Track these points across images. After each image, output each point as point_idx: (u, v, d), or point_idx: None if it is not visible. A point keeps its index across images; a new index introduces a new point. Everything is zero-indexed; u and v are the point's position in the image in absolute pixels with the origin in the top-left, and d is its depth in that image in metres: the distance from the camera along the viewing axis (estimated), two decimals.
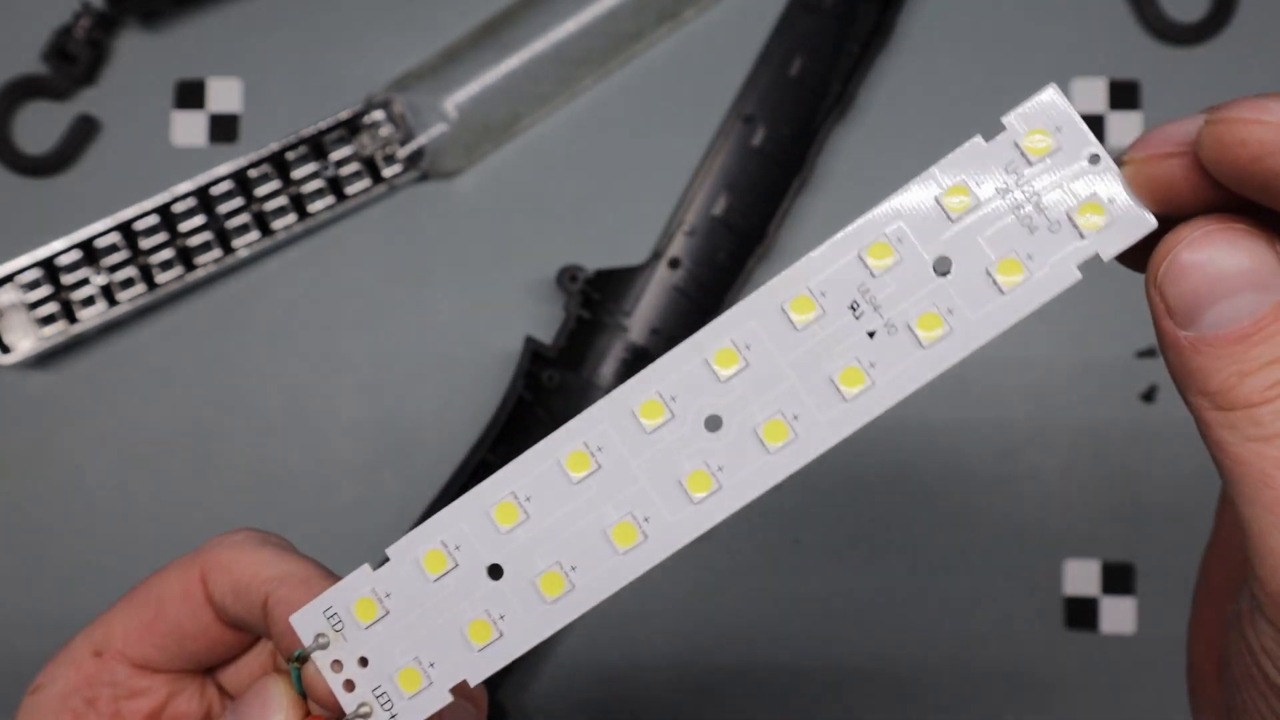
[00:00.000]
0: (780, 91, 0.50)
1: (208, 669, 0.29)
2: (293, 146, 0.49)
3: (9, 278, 0.49)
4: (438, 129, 0.50)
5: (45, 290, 0.49)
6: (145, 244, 0.49)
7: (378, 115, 0.50)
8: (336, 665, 0.25)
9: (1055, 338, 0.50)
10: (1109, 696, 0.49)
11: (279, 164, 0.50)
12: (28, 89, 0.51)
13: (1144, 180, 0.23)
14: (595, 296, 0.49)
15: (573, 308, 0.48)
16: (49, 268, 0.49)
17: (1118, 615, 0.49)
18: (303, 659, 0.25)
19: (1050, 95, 0.23)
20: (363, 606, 0.25)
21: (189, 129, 0.51)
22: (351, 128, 0.50)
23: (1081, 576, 0.49)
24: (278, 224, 0.50)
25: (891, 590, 0.49)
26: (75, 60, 0.51)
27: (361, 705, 0.25)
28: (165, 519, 0.50)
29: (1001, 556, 0.49)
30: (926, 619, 0.49)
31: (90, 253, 0.49)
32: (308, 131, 0.49)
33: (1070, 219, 0.23)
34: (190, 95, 0.51)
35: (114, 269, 0.49)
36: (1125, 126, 0.51)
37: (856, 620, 0.49)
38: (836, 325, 0.23)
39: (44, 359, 0.50)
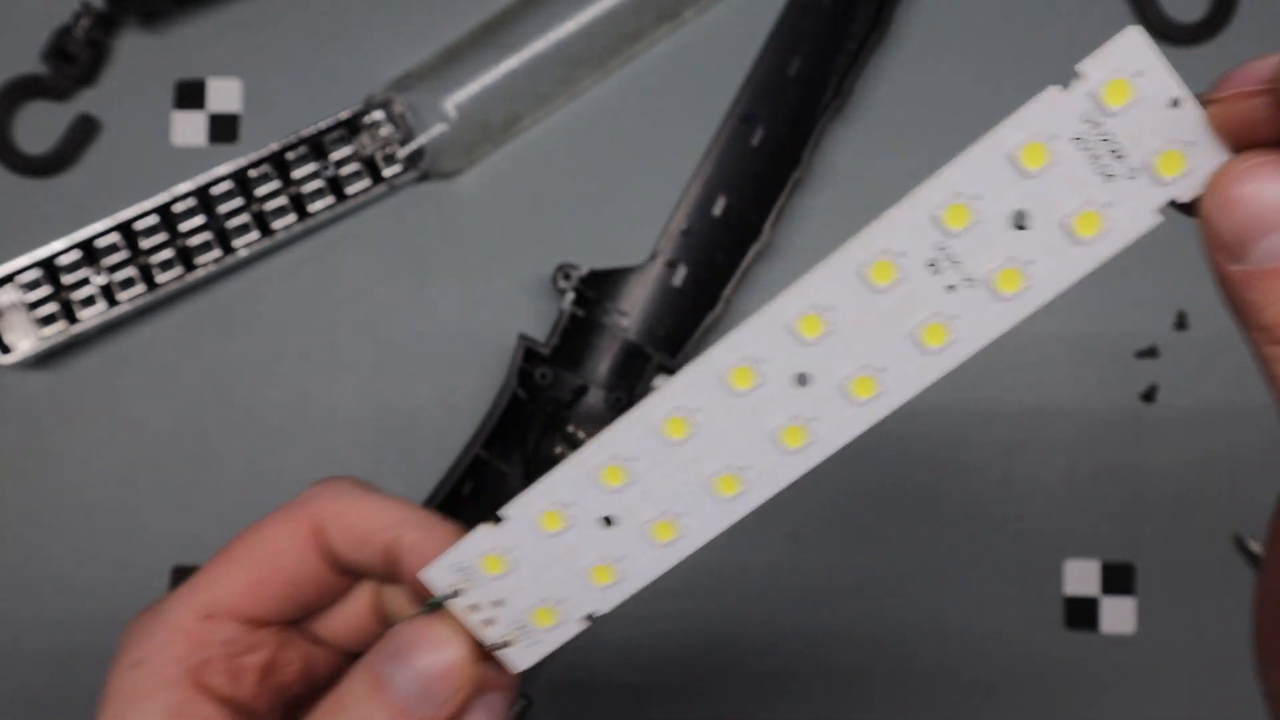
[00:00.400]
0: (779, 91, 0.50)
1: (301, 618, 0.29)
2: (293, 146, 0.49)
3: (9, 278, 0.49)
4: (438, 129, 0.50)
5: (45, 290, 0.49)
6: (145, 244, 0.49)
7: (378, 115, 0.50)
8: (473, 609, 0.27)
9: (1055, 337, 0.50)
10: (1109, 696, 0.49)
11: (279, 164, 0.50)
12: (28, 89, 0.51)
13: (1226, 120, 0.22)
14: (590, 295, 0.49)
15: (566, 306, 0.48)
16: (49, 268, 0.49)
17: (1118, 615, 0.49)
18: (438, 605, 0.27)
19: (1132, 37, 0.23)
20: (489, 562, 0.26)
21: (189, 129, 0.51)
22: (351, 128, 0.50)
23: (1081, 576, 0.49)
24: (278, 224, 0.50)
25: (891, 590, 0.49)
26: (75, 60, 0.51)
27: (503, 637, 0.27)
28: (165, 519, 0.50)
29: (1001, 556, 0.49)
30: (927, 619, 0.49)
31: (90, 253, 0.49)
32: (308, 131, 0.49)
33: (1149, 165, 0.23)
34: (190, 95, 0.51)
35: (114, 269, 0.49)
36: None
37: (856, 620, 0.49)
38: (916, 283, 0.24)
39: (44, 359, 0.50)
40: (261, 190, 0.49)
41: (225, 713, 0.27)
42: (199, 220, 0.49)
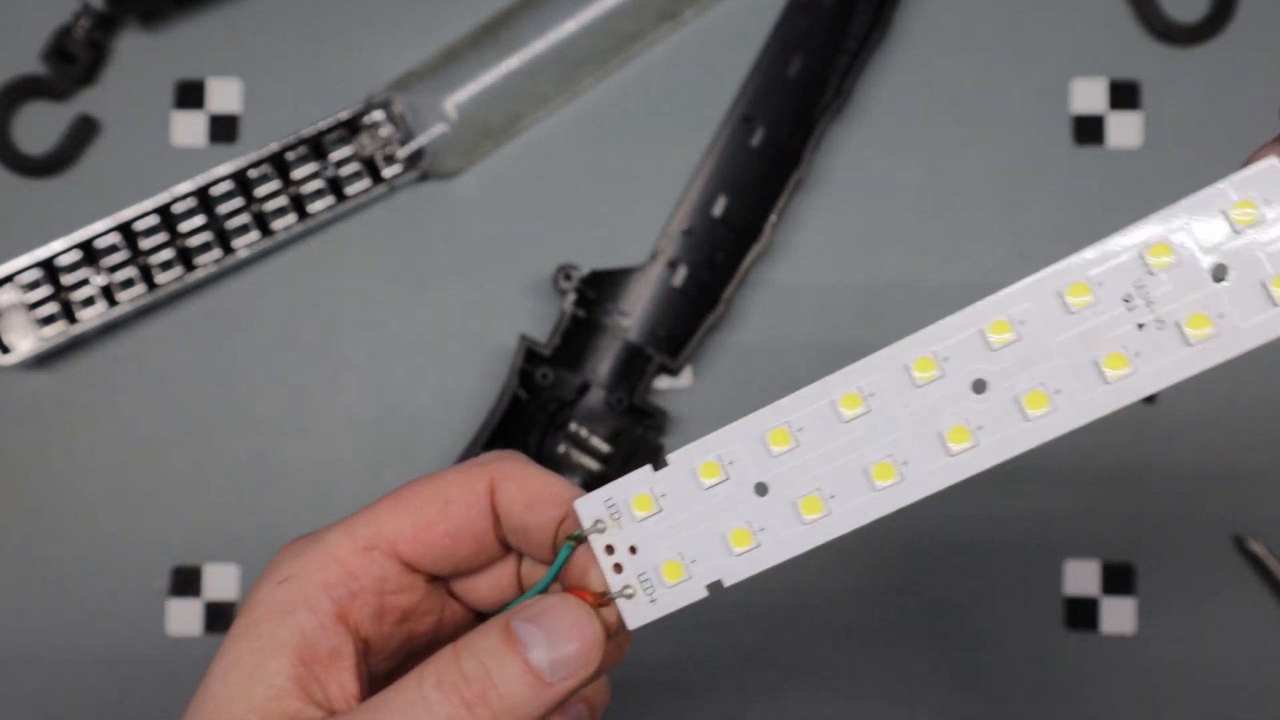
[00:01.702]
0: (779, 91, 0.50)
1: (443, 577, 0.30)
2: (293, 147, 0.49)
3: (9, 278, 0.49)
4: (438, 129, 0.50)
5: (45, 290, 0.49)
6: (145, 244, 0.49)
7: (378, 115, 0.50)
8: (609, 549, 0.28)
9: None
10: (1109, 696, 0.49)
11: (279, 164, 0.50)
12: (28, 89, 0.51)
13: None
14: (591, 295, 0.49)
15: (566, 306, 0.48)
16: (49, 268, 0.49)
17: (1118, 615, 0.49)
18: (580, 539, 0.28)
19: None
20: (640, 501, 0.27)
21: (189, 129, 0.51)
22: (351, 128, 0.50)
23: (1081, 576, 0.49)
24: (278, 224, 0.50)
25: (891, 590, 0.49)
26: (75, 60, 0.51)
27: (626, 587, 0.28)
28: (165, 519, 0.50)
29: (1001, 556, 0.49)
30: (927, 619, 0.49)
31: (90, 253, 0.49)
32: (308, 132, 0.49)
33: None
34: (190, 95, 0.51)
35: (114, 269, 0.49)
36: (1125, 127, 0.51)
37: (856, 620, 0.49)
38: (1109, 314, 0.25)
39: (44, 359, 0.50)
40: (261, 190, 0.49)
41: (357, 647, 0.27)
42: (199, 220, 0.49)
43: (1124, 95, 0.51)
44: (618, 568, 0.28)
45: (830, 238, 0.51)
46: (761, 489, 0.27)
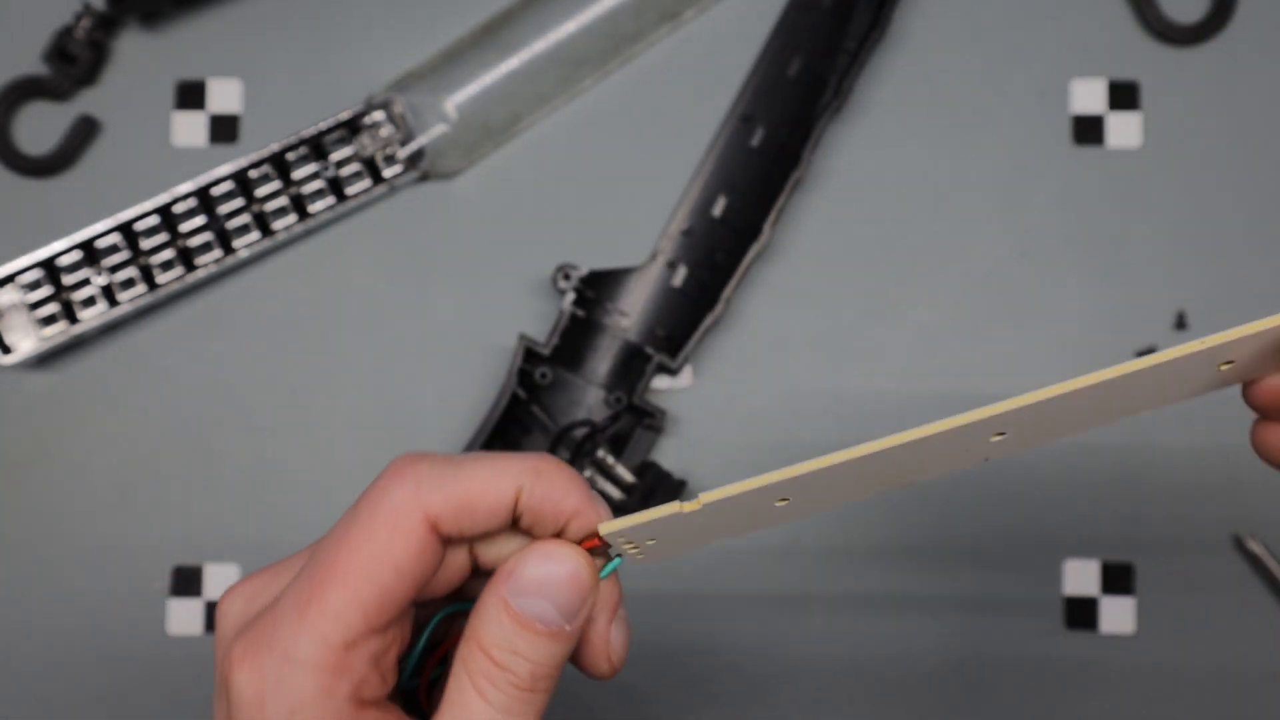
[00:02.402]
0: (779, 91, 0.50)
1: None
2: (293, 147, 0.50)
3: (10, 278, 0.49)
4: (438, 129, 0.50)
5: (46, 291, 0.49)
6: (146, 244, 0.49)
7: (378, 116, 0.50)
8: (630, 544, 0.29)
9: (1055, 338, 0.50)
10: (1109, 696, 0.49)
11: (279, 164, 0.50)
12: (28, 89, 0.51)
13: None
14: (590, 295, 0.49)
15: (566, 306, 0.48)
16: (50, 268, 0.49)
17: (1117, 615, 0.49)
18: (613, 569, 0.29)
19: None
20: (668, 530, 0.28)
21: (189, 129, 0.51)
22: (352, 128, 0.50)
23: (1081, 576, 0.49)
24: (278, 224, 0.50)
25: (891, 590, 0.49)
26: (76, 61, 0.51)
27: (639, 554, 0.29)
28: (166, 518, 0.50)
29: (1001, 556, 0.49)
30: (927, 619, 0.49)
31: (91, 253, 0.49)
32: (308, 132, 0.49)
33: None
34: (190, 96, 0.51)
35: (115, 269, 0.49)
36: (1125, 127, 0.51)
37: (856, 620, 0.49)
38: None
39: (45, 359, 0.50)
40: (262, 191, 0.50)
41: (381, 709, 0.27)
42: (199, 221, 0.49)
43: (1123, 95, 0.51)
44: (635, 549, 0.29)
45: (830, 237, 0.51)
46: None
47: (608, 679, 0.30)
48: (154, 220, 0.49)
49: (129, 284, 0.49)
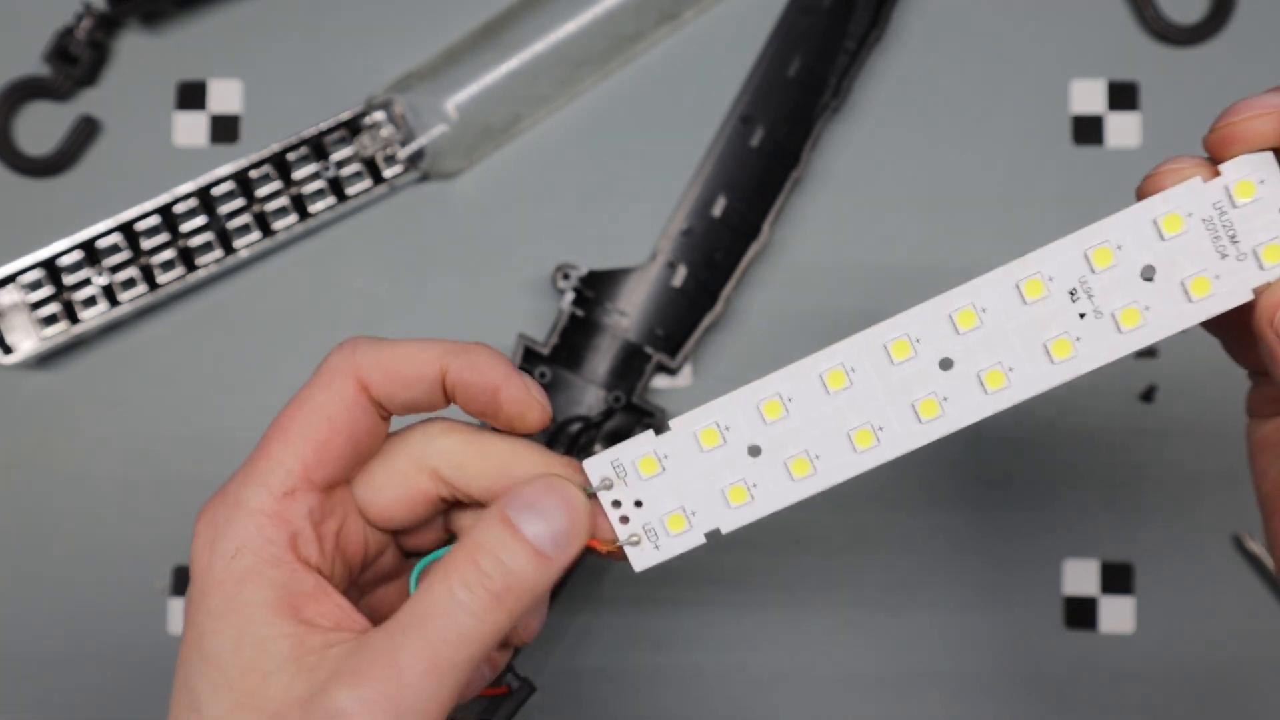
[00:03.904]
0: (779, 91, 0.50)
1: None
2: (293, 147, 0.50)
3: (11, 278, 0.49)
4: (438, 130, 0.50)
5: (47, 290, 0.49)
6: (146, 244, 0.49)
7: (378, 116, 0.50)
8: (615, 504, 0.31)
9: None
10: (1108, 696, 0.49)
11: (280, 165, 0.50)
12: (29, 90, 0.51)
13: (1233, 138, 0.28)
14: (589, 295, 0.49)
15: (565, 305, 0.49)
16: (51, 268, 0.49)
17: (1117, 615, 0.49)
18: (590, 495, 0.30)
19: (1267, 155, 0.29)
20: (646, 463, 0.31)
21: (190, 130, 0.51)
22: (352, 128, 0.50)
23: (1081, 576, 0.49)
24: (278, 224, 0.50)
25: (891, 590, 0.49)
26: (77, 61, 0.51)
27: (633, 535, 0.31)
28: (166, 518, 0.50)
29: (1001, 556, 0.49)
30: (927, 619, 0.49)
31: (92, 253, 0.49)
32: (308, 132, 0.50)
33: (1256, 253, 0.29)
34: (191, 96, 0.52)
35: (115, 269, 0.49)
36: (1124, 127, 0.51)
37: (856, 620, 0.49)
38: (1056, 304, 0.30)
39: (45, 359, 0.50)
40: (262, 191, 0.50)
41: (326, 576, 0.30)
42: (200, 221, 0.49)
43: (1123, 96, 0.51)
44: (624, 519, 0.31)
45: (829, 237, 0.51)
46: (755, 451, 0.30)
47: (536, 427, 0.31)
48: (155, 220, 0.49)
49: (130, 284, 0.49)
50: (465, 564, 0.28)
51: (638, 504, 0.31)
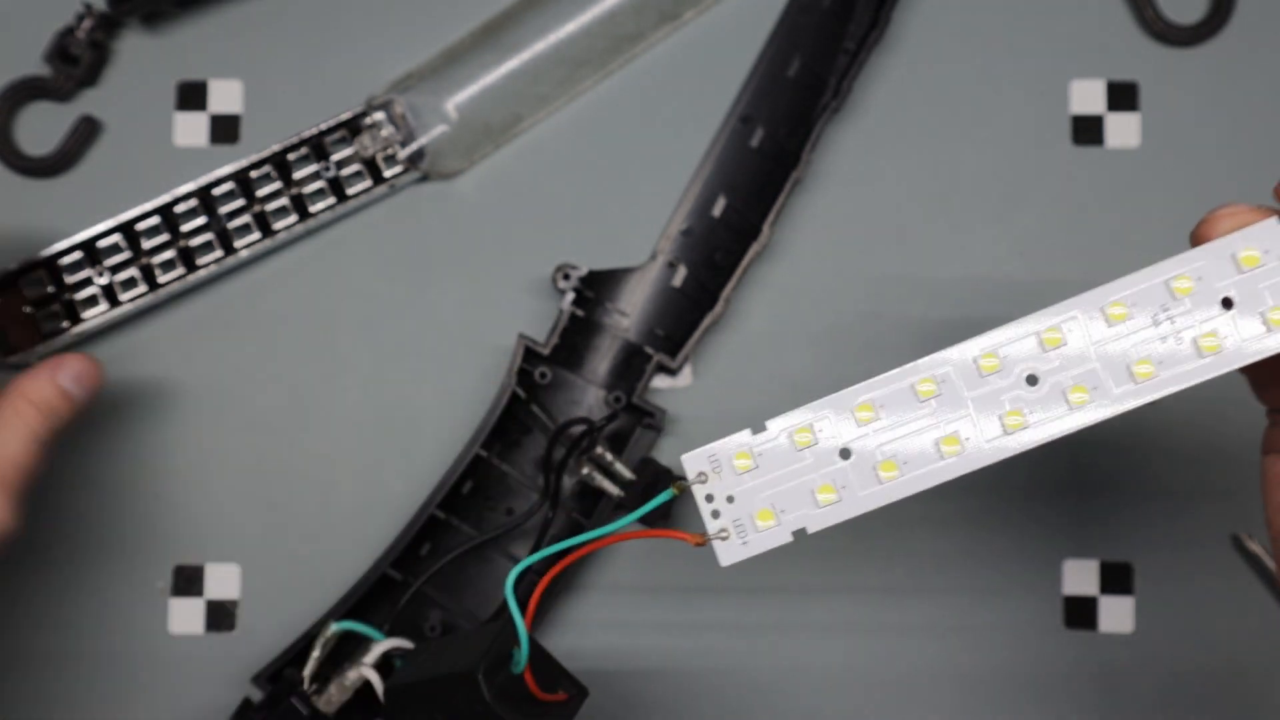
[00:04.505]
0: (779, 91, 0.50)
1: None
2: (294, 147, 0.50)
3: (12, 278, 0.49)
4: (438, 130, 0.50)
5: (47, 291, 0.49)
6: (147, 244, 0.49)
7: (378, 116, 0.50)
8: (709, 498, 0.32)
9: None
10: (1108, 696, 0.49)
11: (280, 165, 0.50)
12: (30, 90, 0.51)
13: None
14: (590, 295, 0.49)
15: (565, 305, 0.49)
16: (51, 268, 0.49)
17: (1116, 614, 0.49)
18: (682, 488, 0.33)
19: None
20: (740, 458, 0.32)
21: (190, 130, 0.51)
22: (352, 128, 0.50)
23: (1080, 576, 0.49)
24: (279, 225, 0.50)
25: (891, 590, 0.49)
26: (77, 61, 0.51)
27: (722, 530, 0.32)
28: (167, 518, 0.50)
29: (1001, 556, 0.49)
30: (927, 619, 0.49)
31: (92, 253, 0.49)
32: (309, 132, 0.50)
33: None
34: (192, 96, 0.52)
35: (116, 269, 0.49)
36: (1123, 128, 0.51)
37: (856, 620, 0.49)
38: (1140, 329, 0.32)
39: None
40: (263, 191, 0.50)
41: None
42: (200, 221, 0.49)
43: (1122, 96, 0.51)
44: (715, 514, 0.32)
45: (829, 237, 0.51)
46: (845, 453, 0.32)
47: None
48: (155, 220, 0.49)
49: (130, 284, 0.49)
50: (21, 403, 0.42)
51: (729, 499, 0.32)
